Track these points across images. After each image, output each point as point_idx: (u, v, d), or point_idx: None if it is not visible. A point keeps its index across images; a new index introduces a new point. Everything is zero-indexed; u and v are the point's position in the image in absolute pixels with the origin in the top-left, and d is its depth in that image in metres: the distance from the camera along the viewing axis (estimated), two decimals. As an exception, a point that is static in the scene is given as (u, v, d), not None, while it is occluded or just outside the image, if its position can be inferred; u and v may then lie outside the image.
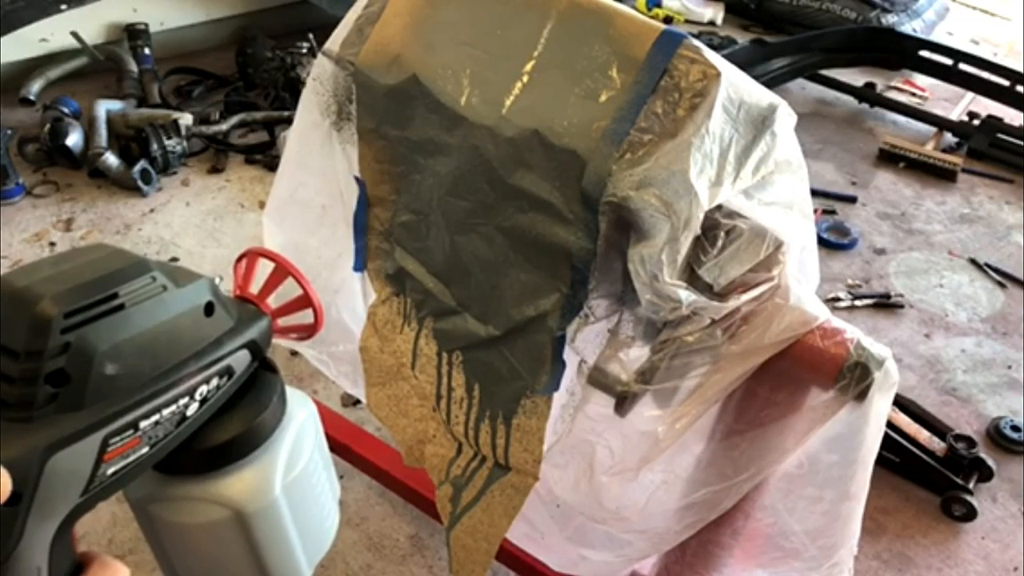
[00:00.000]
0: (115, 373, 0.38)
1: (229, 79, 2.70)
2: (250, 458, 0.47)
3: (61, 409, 0.37)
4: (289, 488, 0.47)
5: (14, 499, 0.35)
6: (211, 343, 0.44)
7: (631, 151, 0.71)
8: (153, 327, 0.40)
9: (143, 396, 0.40)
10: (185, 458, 0.45)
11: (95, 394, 0.38)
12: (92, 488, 0.39)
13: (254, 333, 0.47)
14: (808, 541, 0.85)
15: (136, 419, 0.40)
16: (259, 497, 0.46)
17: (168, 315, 0.41)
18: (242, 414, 0.46)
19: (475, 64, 0.80)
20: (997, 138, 2.68)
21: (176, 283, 0.42)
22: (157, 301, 0.40)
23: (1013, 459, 1.63)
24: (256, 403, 0.47)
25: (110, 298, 0.38)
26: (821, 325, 0.73)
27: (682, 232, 0.68)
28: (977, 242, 2.31)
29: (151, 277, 0.40)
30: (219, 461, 0.46)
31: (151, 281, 0.40)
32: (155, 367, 0.40)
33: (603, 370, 0.80)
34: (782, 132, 0.73)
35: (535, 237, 0.78)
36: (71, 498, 0.38)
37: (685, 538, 0.85)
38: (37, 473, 0.36)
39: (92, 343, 0.37)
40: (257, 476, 0.47)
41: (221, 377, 0.44)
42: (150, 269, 0.41)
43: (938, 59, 2.88)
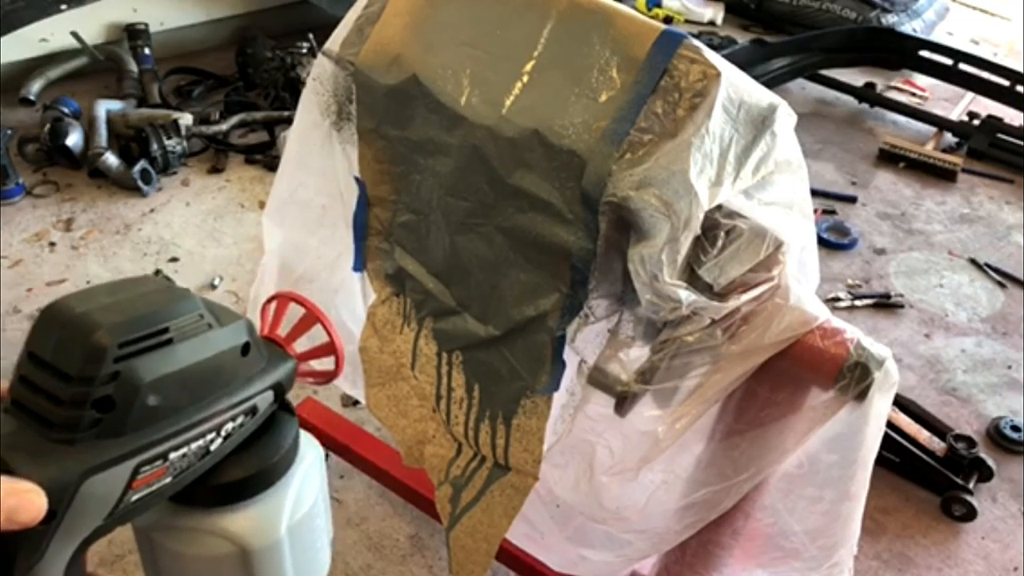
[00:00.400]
0: (156, 404, 0.40)
1: (229, 79, 2.70)
2: (260, 496, 0.48)
3: (102, 435, 0.38)
4: (293, 529, 0.49)
5: (48, 517, 0.36)
6: (242, 382, 0.45)
7: (631, 151, 0.71)
8: (196, 363, 0.42)
9: (177, 428, 0.41)
10: (198, 490, 0.46)
11: (135, 423, 0.39)
12: (115, 513, 0.40)
13: (280, 375, 0.48)
14: (808, 541, 0.85)
15: (167, 450, 0.41)
16: (265, 535, 0.47)
17: (210, 352, 0.42)
18: (259, 453, 0.47)
19: (475, 64, 0.80)
20: (997, 138, 2.68)
21: (219, 321, 0.43)
22: (202, 338, 0.42)
23: (1013, 459, 1.63)
24: (273, 443, 0.48)
25: (161, 332, 0.40)
26: (821, 325, 0.73)
27: (682, 232, 0.68)
28: (977, 242, 2.31)
29: (199, 315, 0.42)
30: (231, 496, 0.47)
31: (199, 319, 0.42)
32: (192, 401, 0.42)
33: (603, 370, 0.80)
34: (782, 132, 0.73)
35: (535, 237, 0.78)
36: (95, 521, 0.39)
37: (685, 538, 0.85)
38: (72, 494, 0.37)
39: (140, 374, 0.39)
40: (265, 514, 0.48)
41: (246, 415, 0.46)
42: (199, 307, 0.42)
43: (938, 59, 2.88)
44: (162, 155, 2.20)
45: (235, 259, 1.97)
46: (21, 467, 0.35)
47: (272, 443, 0.48)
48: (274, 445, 0.48)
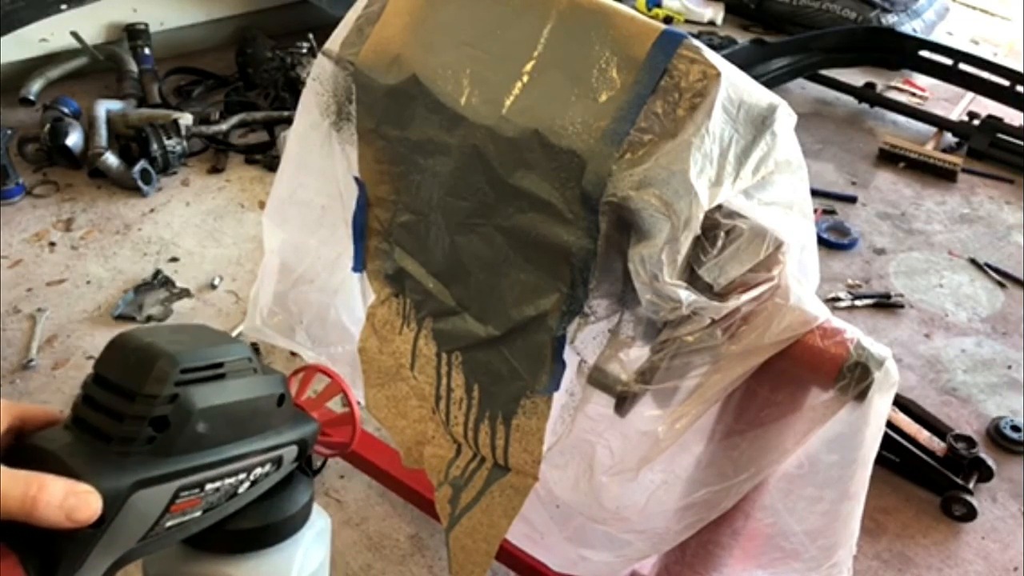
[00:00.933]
0: (203, 432, 0.43)
1: (229, 79, 2.70)
2: (272, 549, 0.50)
3: (154, 452, 0.41)
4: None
5: (99, 522, 0.39)
6: (275, 431, 0.49)
7: (631, 151, 0.71)
8: (240, 401, 0.45)
9: (217, 459, 0.44)
10: (214, 536, 0.48)
11: (183, 446, 0.42)
12: (150, 535, 0.42)
13: (305, 434, 0.52)
14: (808, 541, 0.85)
15: (205, 480, 0.44)
16: None
17: (253, 395, 0.46)
18: (276, 505, 0.50)
19: (475, 64, 0.80)
20: (997, 138, 2.68)
21: (263, 370, 0.48)
22: (249, 380, 0.46)
23: (1013, 459, 1.63)
24: (290, 499, 0.51)
25: (216, 366, 0.44)
26: (821, 325, 0.73)
27: (682, 232, 0.68)
28: (977, 242, 2.31)
29: (248, 358, 0.46)
30: (244, 545, 0.50)
31: (248, 361, 0.46)
32: (233, 437, 0.45)
33: (603, 370, 0.80)
34: (782, 132, 0.73)
35: (535, 237, 0.78)
36: (133, 538, 0.42)
37: (685, 538, 0.85)
38: (122, 503, 0.40)
39: (194, 400, 0.42)
40: (277, 567, 0.50)
41: (273, 465, 0.49)
42: (248, 352, 0.47)
43: (938, 59, 2.88)
44: (162, 155, 2.20)
45: (235, 259, 1.97)
46: (81, 472, 0.38)
47: (289, 498, 0.51)
48: (291, 500, 0.51)
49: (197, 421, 0.42)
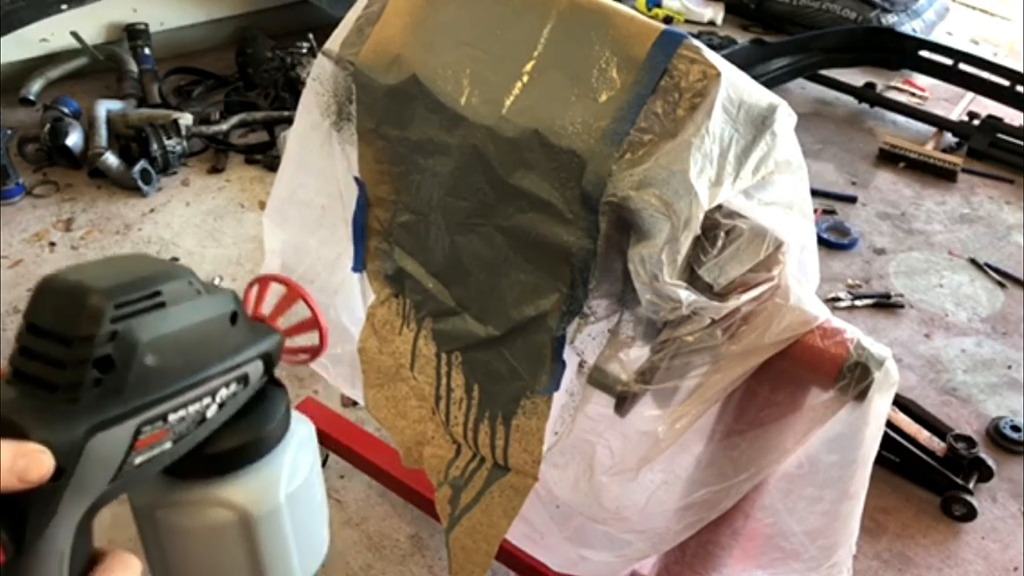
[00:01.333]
0: (153, 365, 0.41)
1: (229, 79, 2.70)
2: (257, 465, 0.50)
3: (104, 395, 0.40)
4: (292, 497, 0.50)
5: (58, 474, 0.38)
6: (233, 350, 0.47)
7: (631, 151, 0.71)
8: (188, 327, 0.44)
9: (175, 390, 0.43)
10: (196, 462, 0.47)
11: (135, 383, 0.41)
12: (121, 475, 0.41)
13: (268, 346, 0.50)
14: (808, 541, 0.85)
15: (166, 411, 0.43)
16: (264, 502, 0.49)
17: (200, 318, 0.45)
18: (252, 422, 0.49)
19: (475, 64, 0.80)
20: (997, 138, 2.68)
21: (207, 291, 0.46)
22: (193, 304, 0.44)
23: (1013, 459, 1.63)
24: (265, 413, 0.50)
25: (154, 295, 0.42)
26: (821, 325, 0.73)
27: (682, 232, 0.68)
28: (977, 242, 2.31)
29: (188, 281, 0.44)
30: (228, 466, 0.49)
31: (188, 285, 0.44)
32: (187, 364, 0.44)
33: (603, 370, 0.80)
34: (782, 132, 0.73)
35: (535, 237, 0.78)
36: (101, 483, 0.41)
37: (685, 538, 0.85)
38: (79, 452, 0.39)
39: (136, 334, 0.40)
40: (263, 482, 0.49)
41: (238, 383, 0.48)
42: (187, 274, 0.45)
43: (938, 59, 2.88)
44: (162, 155, 2.20)
45: (235, 259, 1.97)
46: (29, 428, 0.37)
47: (265, 413, 0.50)
48: (267, 414, 0.50)
49: (144, 355, 0.41)
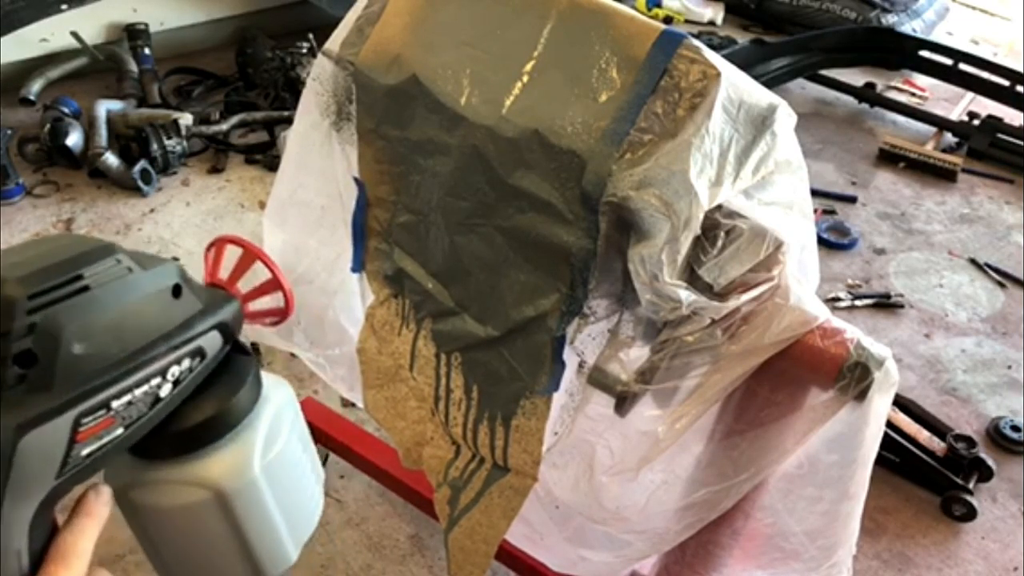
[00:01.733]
0: (83, 353, 0.39)
1: (229, 79, 2.70)
2: (227, 439, 0.47)
3: (31, 390, 0.37)
4: (269, 468, 0.48)
5: None
6: (180, 325, 0.44)
7: (631, 151, 0.71)
8: (120, 308, 0.41)
9: (113, 376, 0.40)
10: (162, 441, 0.46)
11: (64, 374, 0.38)
12: (67, 470, 0.40)
13: (224, 315, 0.47)
14: (808, 541, 0.85)
15: (107, 399, 0.40)
16: (238, 476, 0.47)
17: (134, 297, 0.42)
18: (216, 395, 0.47)
19: (475, 64, 0.80)
20: (997, 138, 2.68)
21: (142, 266, 0.43)
22: (122, 283, 0.41)
23: (1013, 459, 1.63)
24: (230, 384, 0.48)
25: (74, 279, 0.39)
26: (821, 325, 0.73)
27: (682, 232, 0.68)
28: (977, 242, 2.31)
29: (115, 260, 0.41)
30: (196, 443, 0.47)
31: (116, 263, 0.41)
32: (124, 348, 0.41)
33: (603, 370, 0.80)
34: (782, 132, 0.73)
35: (535, 237, 0.78)
36: (46, 480, 0.39)
37: (685, 538, 0.85)
38: (10, 453, 0.36)
39: (58, 324, 0.38)
40: (235, 456, 0.47)
41: (193, 358, 0.45)
42: (114, 252, 0.42)
43: (938, 59, 2.88)
44: (162, 155, 2.20)
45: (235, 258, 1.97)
46: None
47: (229, 384, 0.48)
48: (231, 385, 0.48)
49: (70, 344, 0.38)
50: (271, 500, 0.49)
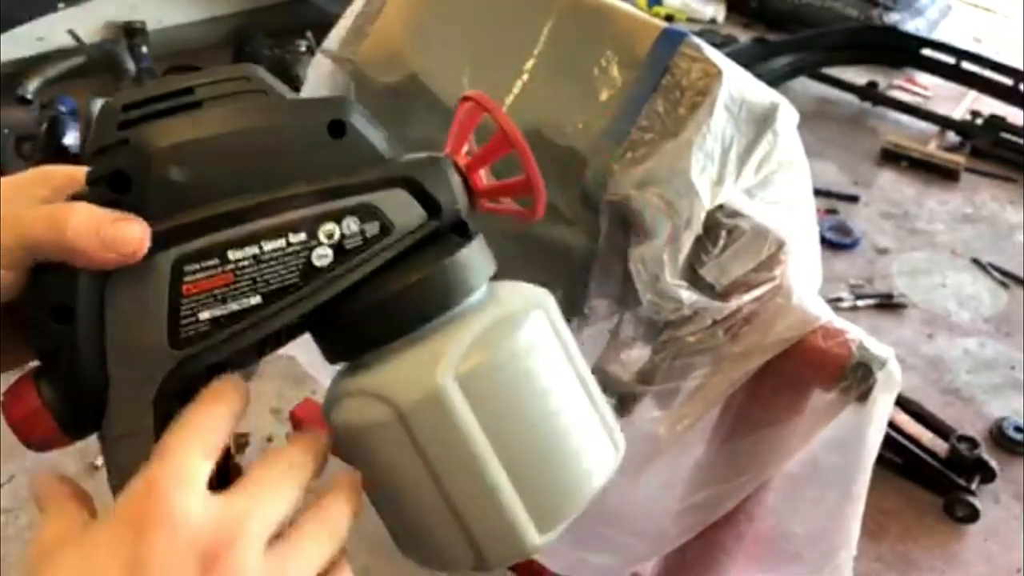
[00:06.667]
0: (184, 181, 0.32)
1: (228, 78, 2.69)
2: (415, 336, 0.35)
3: None
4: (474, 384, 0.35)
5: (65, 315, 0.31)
6: (337, 169, 0.34)
7: (632, 150, 0.70)
8: (240, 134, 0.33)
9: (223, 212, 0.32)
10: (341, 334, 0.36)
11: (160, 205, 0.32)
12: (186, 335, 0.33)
13: (418, 171, 0.35)
14: (809, 543, 0.84)
15: (218, 245, 0.32)
16: (418, 384, 0.34)
17: (263, 122, 0.33)
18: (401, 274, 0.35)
19: (475, 62, 0.79)
20: (1000, 137, 2.67)
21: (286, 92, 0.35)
22: (250, 104, 0.34)
23: (1016, 460, 1.62)
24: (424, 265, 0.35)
25: (182, 93, 0.33)
26: (823, 325, 0.72)
27: (683, 231, 0.68)
28: (980, 242, 2.30)
29: (245, 79, 0.34)
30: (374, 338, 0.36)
31: (244, 82, 0.34)
32: (241, 182, 0.33)
33: (603, 371, 0.80)
34: (784, 131, 0.72)
35: (535, 237, 0.78)
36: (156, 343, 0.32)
37: (686, 540, 0.85)
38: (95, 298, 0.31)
39: (149, 141, 0.32)
40: (418, 357, 0.35)
41: (364, 220, 0.34)
42: (248, 71, 0.34)
43: (941, 57, 2.87)
44: (161, 154, 2.19)
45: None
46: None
47: (425, 264, 0.35)
48: (426, 265, 0.35)
49: (166, 168, 0.32)
50: (479, 437, 0.35)
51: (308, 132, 0.34)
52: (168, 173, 0.32)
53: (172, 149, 0.32)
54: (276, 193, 0.33)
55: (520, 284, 0.41)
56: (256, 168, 0.33)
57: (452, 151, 0.39)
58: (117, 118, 0.32)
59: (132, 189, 0.32)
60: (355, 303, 0.35)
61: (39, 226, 0.31)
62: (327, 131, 0.34)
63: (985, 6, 4.04)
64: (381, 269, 0.35)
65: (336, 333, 0.37)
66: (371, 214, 0.35)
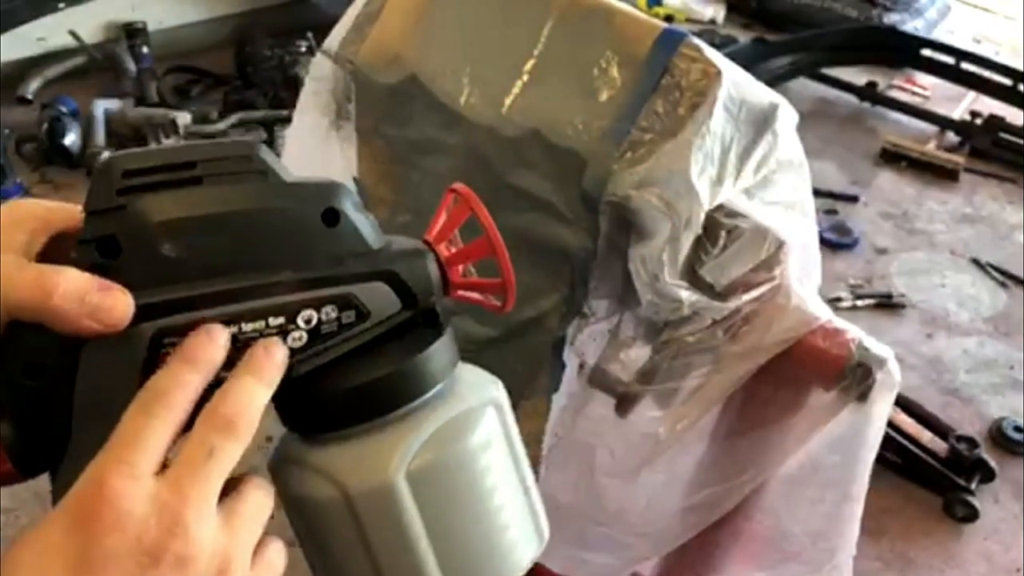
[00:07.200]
0: (174, 256, 0.32)
1: (227, 78, 2.69)
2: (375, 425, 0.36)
3: None
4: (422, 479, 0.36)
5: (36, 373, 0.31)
6: (325, 259, 0.35)
7: (632, 150, 0.70)
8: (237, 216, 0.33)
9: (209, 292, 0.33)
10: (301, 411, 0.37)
11: (148, 276, 0.32)
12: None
13: (400, 266, 0.36)
14: (809, 543, 0.84)
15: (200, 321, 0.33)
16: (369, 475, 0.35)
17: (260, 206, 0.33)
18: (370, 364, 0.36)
19: (475, 63, 0.79)
20: (999, 137, 2.68)
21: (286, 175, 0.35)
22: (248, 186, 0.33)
23: (1015, 460, 1.62)
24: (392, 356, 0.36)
25: (184, 167, 0.33)
26: (823, 325, 0.73)
27: (683, 232, 0.68)
28: (979, 242, 2.30)
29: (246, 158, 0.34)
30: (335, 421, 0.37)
31: (246, 162, 0.34)
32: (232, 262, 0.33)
33: (604, 371, 0.80)
34: (783, 131, 0.72)
35: (535, 237, 0.78)
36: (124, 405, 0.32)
37: (686, 540, 0.85)
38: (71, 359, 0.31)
39: (149, 212, 0.32)
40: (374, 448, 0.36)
41: (342, 309, 0.35)
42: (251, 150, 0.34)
43: (940, 58, 2.87)
44: (161, 154, 2.19)
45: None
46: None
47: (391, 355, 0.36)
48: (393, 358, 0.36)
49: (159, 241, 0.32)
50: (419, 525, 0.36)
51: (303, 219, 0.35)
52: (161, 247, 0.32)
53: (168, 224, 0.32)
54: (264, 278, 0.34)
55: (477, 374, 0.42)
56: (248, 250, 0.33)
57: (435, 241, 0.39)
58: (117, 182, 0.32)
59: (122, 256, 0.32)
60: (320, 386, 0.36)
61: (25, 289, 0.31)
62: (321, 219, 0.35)
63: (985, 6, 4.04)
64: (350, 353, 0.36)
65: (298, 410, 0.37)
66: (349, 303, 0.36)
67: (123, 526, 0.29)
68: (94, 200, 0.32)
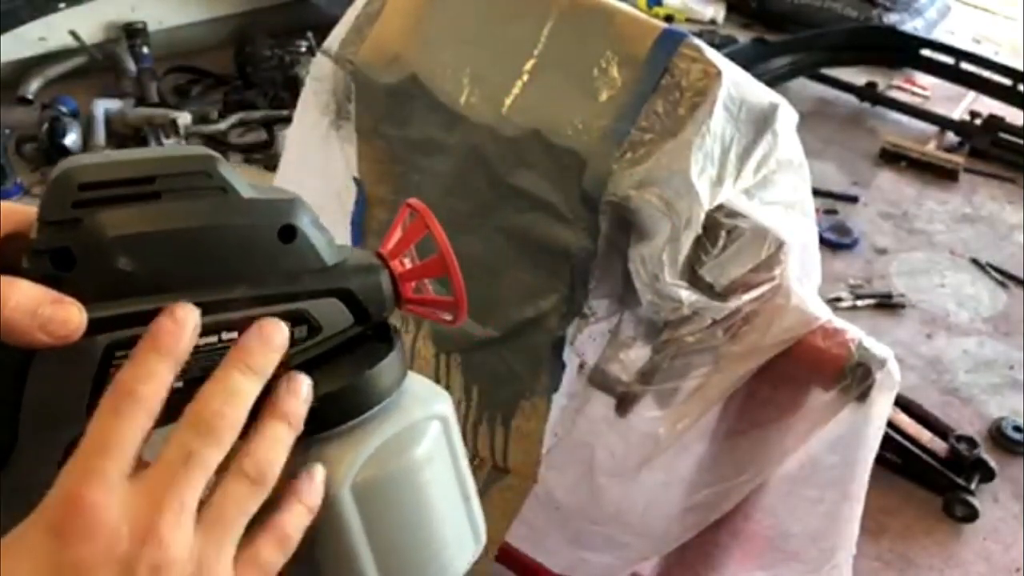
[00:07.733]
0: (131, 271, 0.32)
1: (228, 78, 2.69)
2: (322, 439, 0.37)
3: None
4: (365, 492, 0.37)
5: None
6: (279, 275, 0.35)
7: (632, 150, 0.70)
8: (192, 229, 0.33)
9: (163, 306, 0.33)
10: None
11: (102, 290, 0.32)
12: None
13: (354, 283, 0.37)
14: (808, 543, 0.84)
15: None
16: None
17: (217, 222, 0.33)
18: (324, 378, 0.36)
19: (475, 63, 0.79)
20: (999, 137, 2.68)
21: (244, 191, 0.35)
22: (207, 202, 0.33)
23: (1015, 460, 1.62)
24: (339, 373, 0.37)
25: (143, 181, 0.32)
26: (822, 325, 0.73)
27: (683, 232, 0.68)
28: (979, 242, 2.30)
29: (206, 174, 0.33)
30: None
31: (205, 178, 0.33)
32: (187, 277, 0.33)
33: (604, 371, 0.80)
34: (783, 131, 0.72)
35: (535, 237, 0.78)
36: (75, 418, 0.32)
37: (685, 540, 0.85)
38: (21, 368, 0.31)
39: (105, 226, 0.31)
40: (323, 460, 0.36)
41: (295, 324, 0.35)
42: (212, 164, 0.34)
43: (940, 58, 2.87)
44: (161, 154, 2.19)
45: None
46: None
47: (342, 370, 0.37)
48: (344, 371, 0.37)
49: (115, 256, 0.31)
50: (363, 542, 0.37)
51: (259, 236, 0.35)
52: (116, 261, 0.32)
53: (124, 240, 0.32)
54: (219, 294, 0.34)
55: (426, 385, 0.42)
56: (204, 266, 0.33)
57: (391, 256, 0.40)
58: (73, 195, 0.31)
59: (76, 269, 0.32)
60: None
61: None
62: (277, 236, 0.35)
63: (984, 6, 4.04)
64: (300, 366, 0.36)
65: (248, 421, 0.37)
66: (302, 318, 0.36)
67: (96, 536, 0.29)
68: (49, 210, 0.31)
